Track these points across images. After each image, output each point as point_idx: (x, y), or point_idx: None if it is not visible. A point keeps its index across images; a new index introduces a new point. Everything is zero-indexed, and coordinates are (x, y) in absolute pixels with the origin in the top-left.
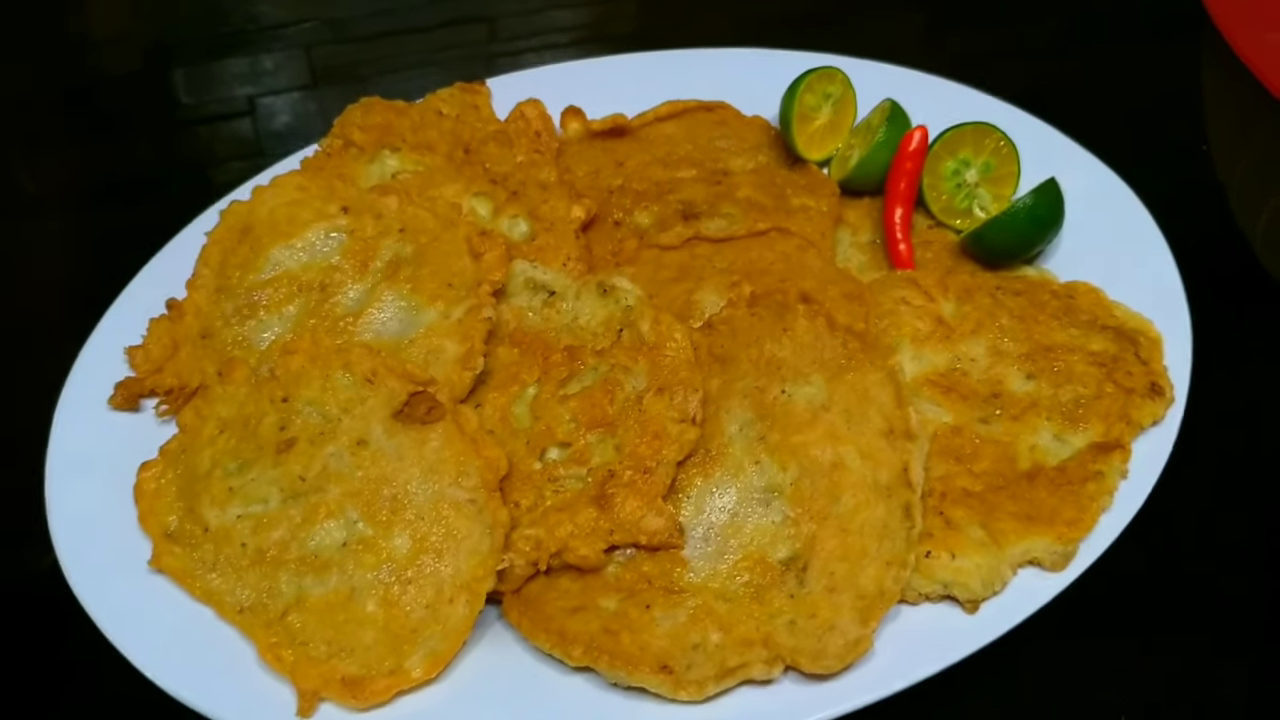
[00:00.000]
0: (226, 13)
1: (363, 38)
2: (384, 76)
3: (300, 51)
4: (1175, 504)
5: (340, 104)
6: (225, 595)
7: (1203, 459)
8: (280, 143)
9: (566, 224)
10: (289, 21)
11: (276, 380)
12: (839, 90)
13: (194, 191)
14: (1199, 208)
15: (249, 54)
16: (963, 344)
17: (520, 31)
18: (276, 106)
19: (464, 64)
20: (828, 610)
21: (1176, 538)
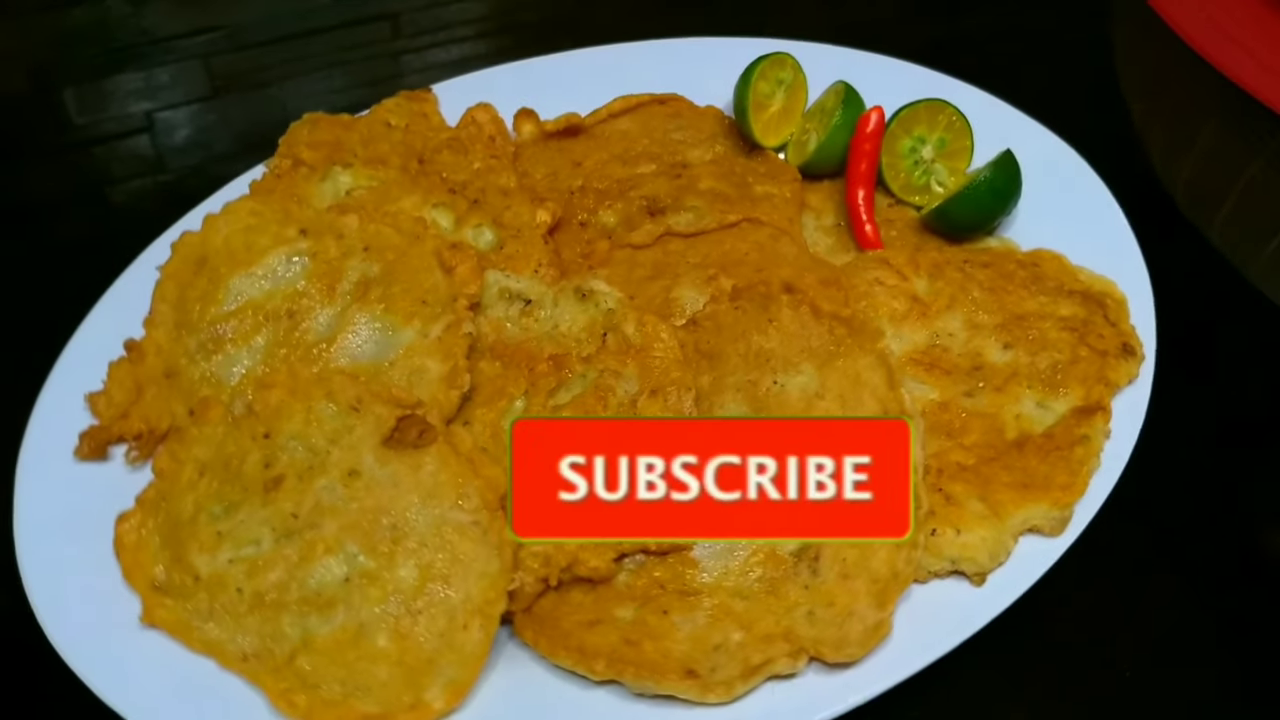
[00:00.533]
0: (116, 28)
1: (261, 43)
2: (287, 82)
3: (197, 62)
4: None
5: (243, 113)
6: (226, 644)
7: (1177, 410)
8: (182, 156)
9: (533, 229)
10: (183, 33)
11: (255, 416)
12: (790, 76)
13: (93, 213)
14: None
15: (143, 68)
16: (939, 320)
17: (425, 26)
18: (176, 120)
19: (369, 64)
20: (844, 597)
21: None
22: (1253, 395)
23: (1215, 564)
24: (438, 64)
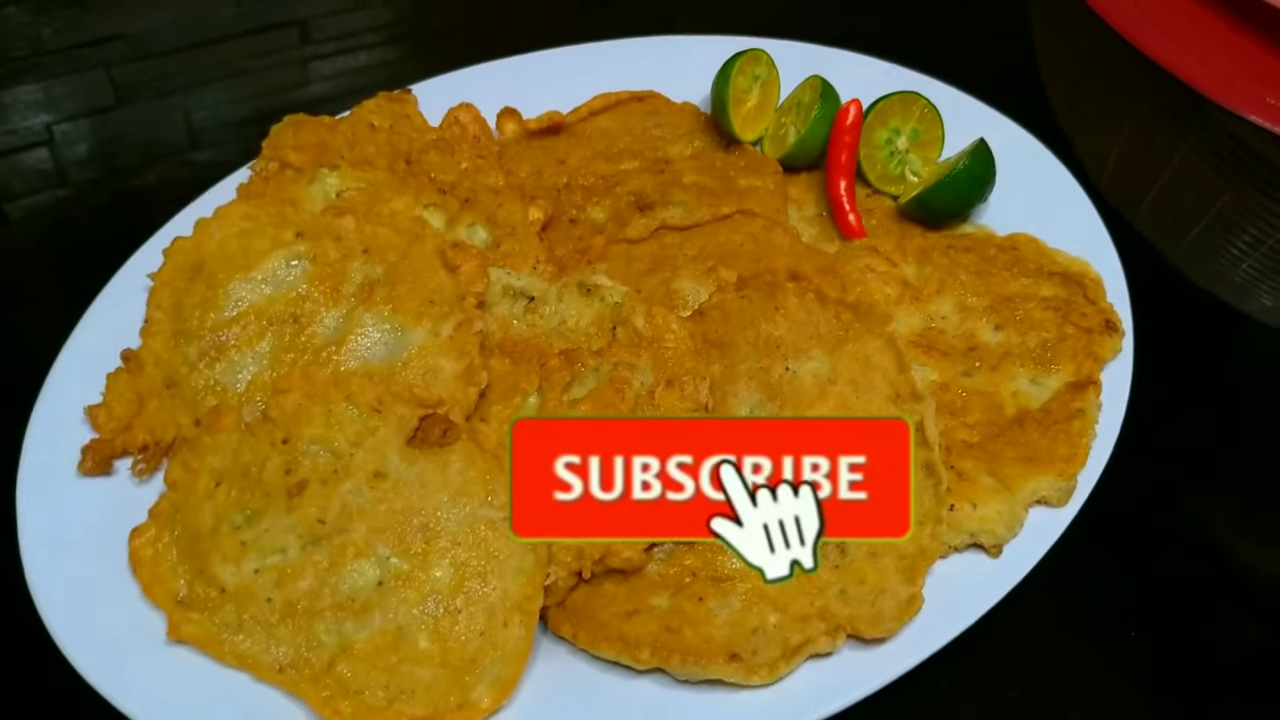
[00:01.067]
0: (15, 36)
1: (165, 52)
2: (192, 91)
3: (99, 71)
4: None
5: (148, 123)
6: (260, 656)
7: (1157, 382)
8: (84, 169)
9: (526, 227)
10: (84, 41)
11: (272, 421)
12: (765, 72)
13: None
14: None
15: (42, 79)
16: (932, 304)
17: (333, 32)
18: (76, 132)
19: (277, 70)
20: (874, 575)
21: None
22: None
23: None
24: (347, 70)
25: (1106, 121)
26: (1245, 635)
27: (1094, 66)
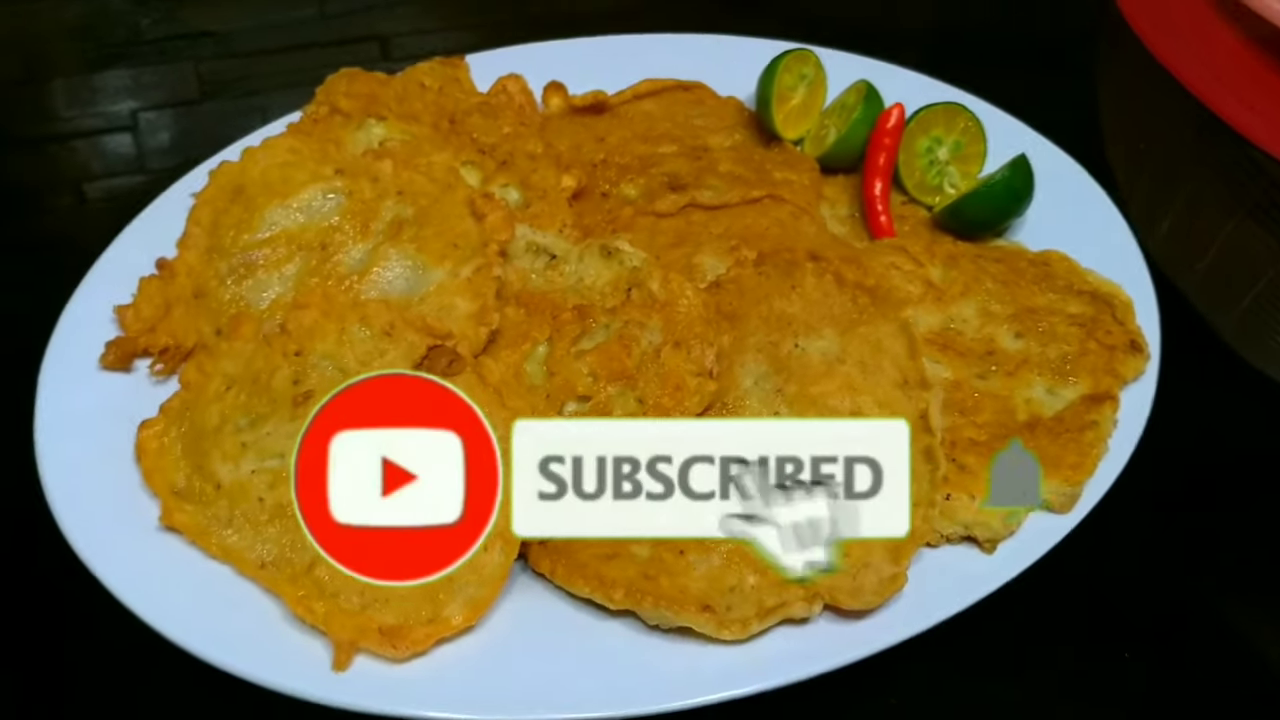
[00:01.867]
0: (114, 24)
1: (251, 53)
2: (274, 92)
3: (188, 65)
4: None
5: (229, 119)
6: (245, 551)
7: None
8: (162, 158)
9: (558, 192)
10: (177, 34)
11: (288, 334)
12: (812, 72)
13: (68, 206)
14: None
15: (133, 66)
16: (954, 306)
17: (412, 50)
18: (160, 121)
19: None
20: (859, 550)
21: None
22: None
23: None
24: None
25: (1164, 178)
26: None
27: (1156, 120)
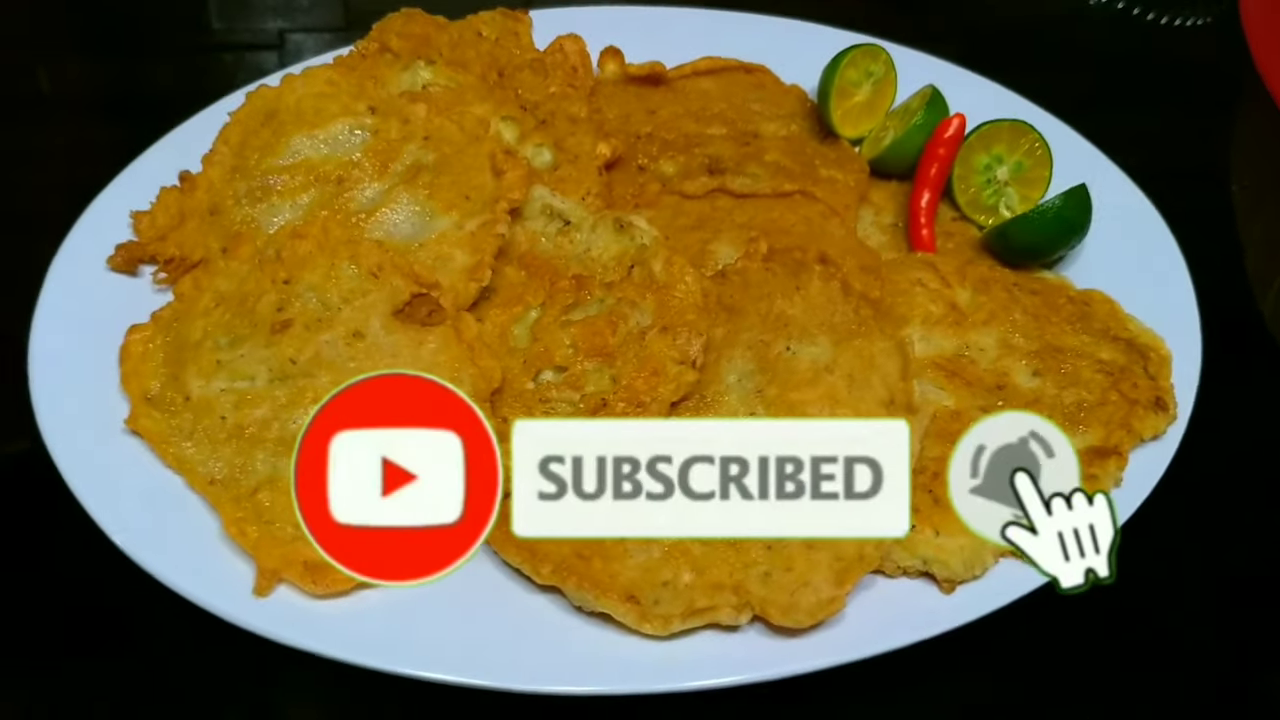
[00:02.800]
0: None
1: None
2: None
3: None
4: (1167, 519)
5: None
6: (197, 465)
7: (1197, 478)
8: None
9: (591, 159)
10: None
11: (281, 262)
12: (881, 70)
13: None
14: (1220, 245)
15: None
16: (973, 332)
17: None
18: (305, 45)
19: None
20: (804, 566)
21: (1166, 551)
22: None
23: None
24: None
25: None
26: None
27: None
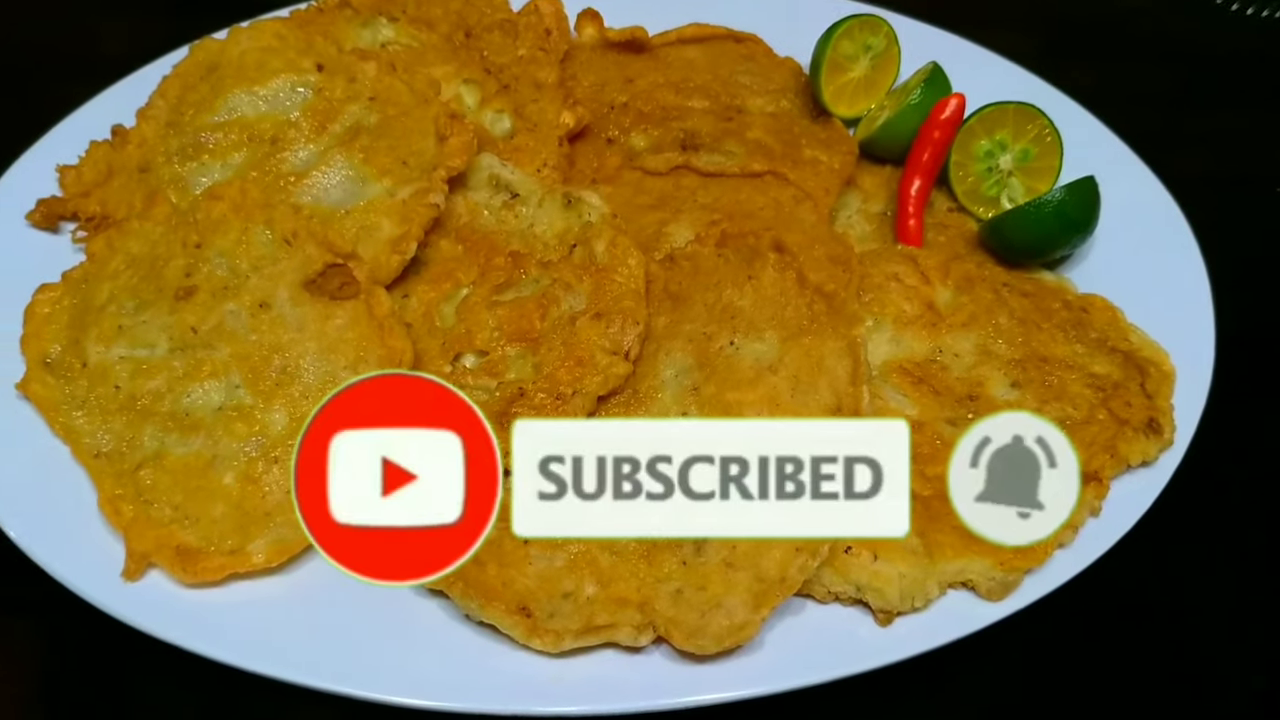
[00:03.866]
0: None
1: None
2: None
3: None
4: (1148, 556)
5: None
6: (85, 436)
7: (1191, 513)
8: None
9: (552, 128)
10: None
11: (195, 224)
12: (882, 44)
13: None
14: (1256, 256)
15: None
16: (949, 336)
17: None
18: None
19: None
20: (719, 586)
21: (1142, 594)
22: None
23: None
24: None
25: None
26: None
27: None
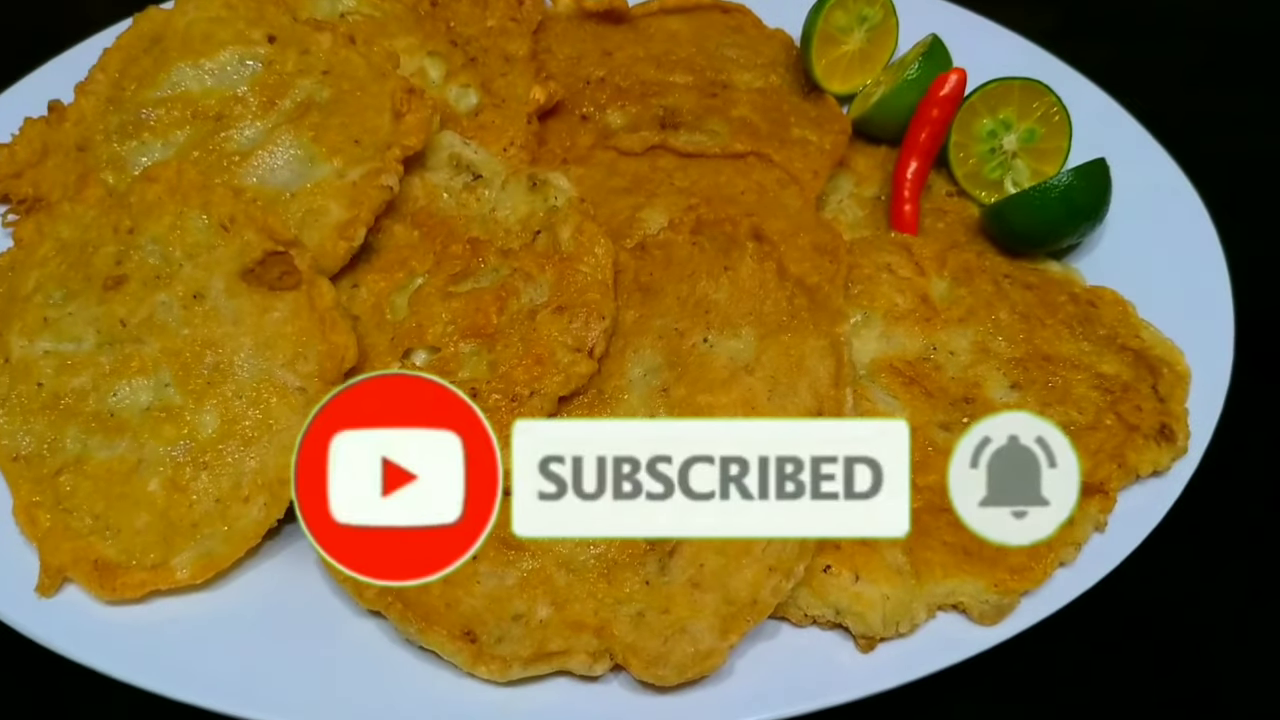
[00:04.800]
0: None
1: None
2: None
3: None
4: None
5: None
6: (3, 437)
7: (1204, 527)
8: None
9: (521, 105)
10: None
11: (128, 208)
12: (878, 15)
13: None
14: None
15: None
16: (944, 332)
17: None
18: None
19: None
20: (685, 609)
21: (1149, 616)
22: None
23: None
24: None
25: None
26: None
27: None
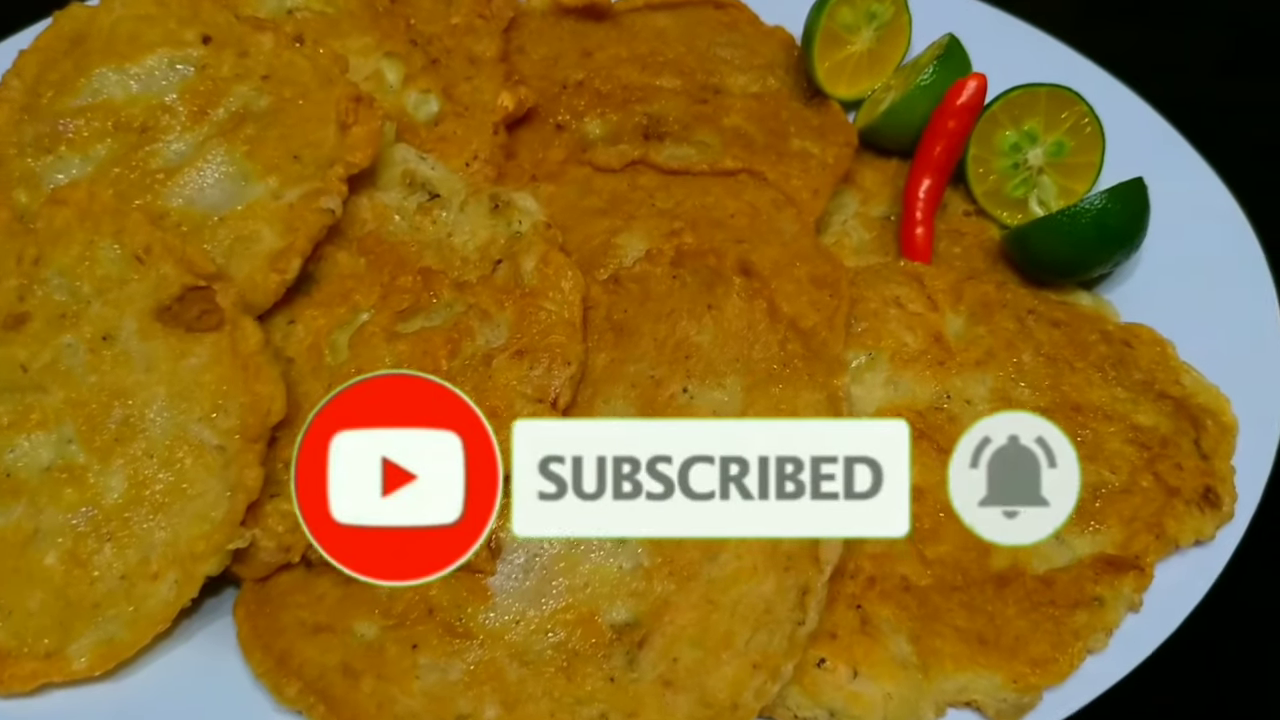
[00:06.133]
0: None
1: None
2: None
3: None
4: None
5: None
6: None
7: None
8: None
9: (488, 113)
10: None
11: (35, 235)
12: (889, 12)
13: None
14: None
15: None
16: (960, 377)
17: None
18: None
19: None
20: (654, 712)
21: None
22: None
23: None
24: None
25: None
26: None
27: None
